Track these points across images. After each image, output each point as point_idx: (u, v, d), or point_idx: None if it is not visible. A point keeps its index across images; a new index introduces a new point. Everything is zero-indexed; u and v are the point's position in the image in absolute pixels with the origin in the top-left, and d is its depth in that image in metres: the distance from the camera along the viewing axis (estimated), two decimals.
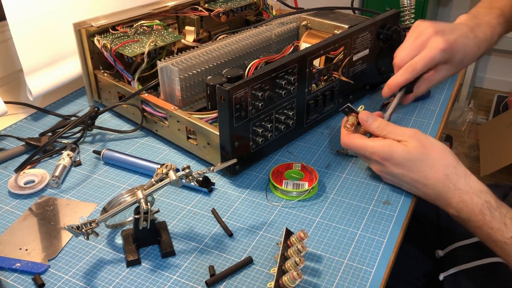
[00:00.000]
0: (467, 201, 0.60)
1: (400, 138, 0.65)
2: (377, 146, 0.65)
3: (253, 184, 0.73)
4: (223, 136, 0.69)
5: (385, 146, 0.65)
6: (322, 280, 0.57)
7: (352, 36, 0.83)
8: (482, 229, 0.59)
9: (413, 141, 0.64)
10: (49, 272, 0.59)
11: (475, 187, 0.61)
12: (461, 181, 0.61)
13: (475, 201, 0.60)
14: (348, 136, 0.69)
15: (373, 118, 0.68)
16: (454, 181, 0.61)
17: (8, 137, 0.85)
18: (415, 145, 0.63)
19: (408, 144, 0.64)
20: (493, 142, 2.14)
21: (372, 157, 0.67)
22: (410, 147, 0.63)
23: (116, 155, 0.78)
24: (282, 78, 0.71)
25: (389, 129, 0.66)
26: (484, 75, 2.75)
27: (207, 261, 0.60)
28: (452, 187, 0.61)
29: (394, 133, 0.66)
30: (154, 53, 0.87)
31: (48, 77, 0.94)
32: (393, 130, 0.66)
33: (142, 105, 0.83)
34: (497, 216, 0.58)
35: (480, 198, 0.60)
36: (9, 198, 0.71)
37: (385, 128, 0.67)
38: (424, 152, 0.63)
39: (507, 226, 0.58)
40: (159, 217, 0.67)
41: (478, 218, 0.59)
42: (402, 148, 0.64)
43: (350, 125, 0.70)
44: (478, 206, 0.59)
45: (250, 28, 0.93)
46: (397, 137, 0.65)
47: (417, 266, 0.91)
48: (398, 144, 0.64)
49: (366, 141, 0.67)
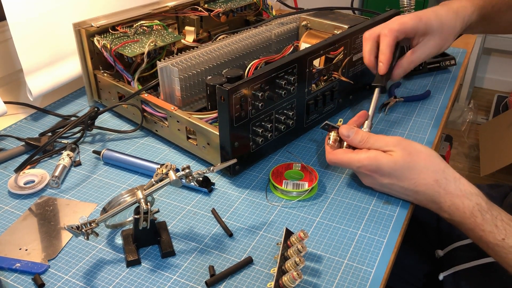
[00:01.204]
0: (458, 204, 0.60)
1: (385, 148, 0.64)
2: (362, 159, 0.65)
3: (253, 184, 0.73)
4: (223, 136, 0.69)
5: (370, 159, 0.64)
6: (322, 280, 0.57)
7: (352, 36, 0.83)
8: (474, 232, 0.60)
9: (398, 149, 0.63)
10: (49, 272, 0.59)
11: (465, 190, 0.61)
12: (451, 185, 0.61)
13: (466, 204, 0.60)
14: (332, 153, 0.68)
15: (354, 132, 0.67)
16: (444, 185, 0.61)
17: (8, 137, 0.85)
18: (401, 153, 0.63)
19: (394, 153, 0.63)
20: (493, 142, 2.14)
21: (360, 170, 0.66)
22: (396, 157, 0.63)
23: (116, 155, 0.78)
24: (282, 78, 0.71)
25: (372, 140, 0.66)
26: (484, 75, 2.75)
27: (207, 261, 0.60)
28: (442, 192, 0.61)
29: (378, 143, 0.65)
30: (154, 53, 0.87)
31: (48, 77, 0.94)
32: (376, 141, 0.65)
33: (142, 105, 0.83)
34: (488, 219, 0.59)
35: (471, 200, 0.60)
36: (9, 198, 0.71)
37: (368, 140, 0.66)
38: (411, 159, 0.63)
39: (498, 228, 0.58)
40: (159, 217, 0.67)
41: (469, 220, 0.60)
42: (388, 158, 0.63)
43: (333, 142, 0.70)
44: (469, 209, 0.59)
45: (250, 28, 0.93)
46: (382, 147, 0.65)
47: (417, 266, 0.91)
48: (383, 155, 0.64)
49: (351, 155, 0.66)
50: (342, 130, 0.68)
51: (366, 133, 0.68)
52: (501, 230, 0.58)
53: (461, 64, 1.09)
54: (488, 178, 1.99)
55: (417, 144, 0.65)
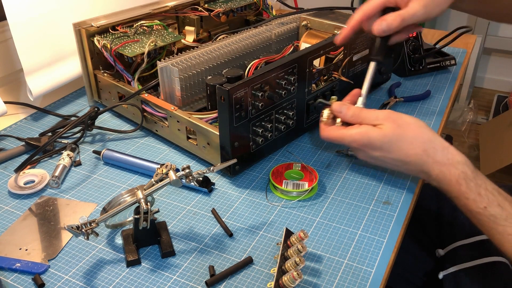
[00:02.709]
0: (445, 172, 0.62)
1: (375, 122, 0.65)
2: (354, 134, 0.66)
3: (253, 184, 0.73)
4: (223, 136, 0.69)
5: (361, 133, 0.65)
6: (322, 280, 0.57)
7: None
8: (459, 199, 0.61)
9: (388, 123, 0.64)
10: (49, 272, 0.59)
11: (452, 159, 0.62)
12: (438, 154, 0.62)
13: (452, 172, 0.61)
14: (325, 130, 0.69)
15: (346, 107, 0.68)
16: (432, 154, 0.63)
17: (8, 137, 0.85)
18: (390, 126, 0.64)
19: (383, 126, 0.64)
20: (493, 142, 2.14)
21: (352, 145, 0.68)
22: (385, 130, 0.64)
23: (116, 155, 0.78)
24: (282, 78, 0.71)
25: (363, 115, 0.67)
26: (484, 75, 2.75)
27: (207, 261, 0.60)
28: (430, 161, 0.63)
29: (369, 118, 0.66)
30: (154, 53, 0.86)
31: (48, 77, 0.94)
32: (367, 116, 0.66)
33: (142, 105, 0.83)
34: (472, 187, 0.60)
35: (457, 169, 0.61)
36: (9, 198, 0.71)
37: (359, 115, 0.67)
38: (400, 132, 0.64)
39: (481, 196, 0.59)
40: (159, 217, 0.67)
41: (455, 188, 0.61)
42: (378, 131, 0.64)
43: (327, 119, 0.70)
44: (455, 177, 0.61)
45: (250, 28, 0.93)
46: (372, 121, 0.66)
47: (418, 265, 0.91)
48: (373, 129, 0.65)
49: (343, 131, 0.67)
50: (334, 106, 0.69)
51: (357, 108, 0.68)
52: (483, 199, 0.59)
53: (461, 64, 1.09)
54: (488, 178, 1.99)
55: (406, 116, 0.66)
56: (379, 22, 0.69)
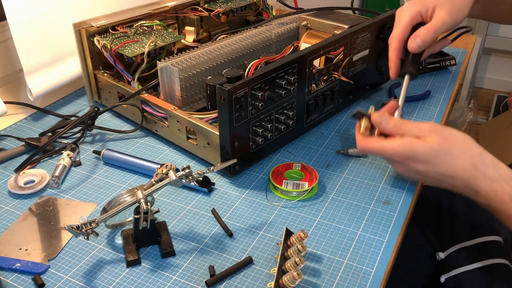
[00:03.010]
0: (497, 189, 0.58)
1: (419, 134, 0.62)
2: (396, 146, 0.63)
3: (253, 184, 0.73)
4: (223, 136, 0.69)
5: (405, 145, 0.62)
6: (322, 280, 0.57)
7: (352, 36, 0.83)
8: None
9: (433, 135, 0.61)
10: (49, 272, 0.59)
11: (505, 175, 0.59)
12: (489, 170, 0.59)
13: (505, 189, 0.58)
14: (364, 141, 0.66)
15: (387, 119, 0.65)
16: (482, 170, 0.59)
17: (8, 137, 0.85)
18: (436, 139, 0.61)
19: (429, 139, 0.61)
20: (493, 142, 2.14)
21: (393, 158, 0.64)
22: (431, 142, 0.61)
23: (116, 155, 0.78)
24: (282, 78, 0.71)
25: (405, 127, 0.64)
26: (484, 75, 2.75)
27: (207, 261, 0.60)
28: (481, 177, 0.59)
29: (412, 130, 0.63)
30: (154, 53, 0.86)
31: (48, 77, 0.94)
32: (410, 128, 0.63)
33: (142, 105, 0.83)
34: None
35: (511, 186, 0.58)
36: (9, 198, 0.71)
37: (401, 127, 0.64)
38: (447, 145, 0.61)
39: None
40: (159, 217, 0.67)
41: (508, 207, 0.57)
42: (423, 144, 0.61)
43: (364, 130, 0.67)
44: (509, 194, 0.57)
45: (250, 28, 0.93)
46: (416, 133, 0.62)
47: (418, 268, 0.91)
48: (418, 141, 0.61)
49: (384, 143, 0.64)
50: (375, 117, 0.66)
51: (399, 119, 0.66)
52: None
53: (461, 64, 1.09)
54: None
55: (452, 129, 0.63)
56: (413, 40, 0.71)
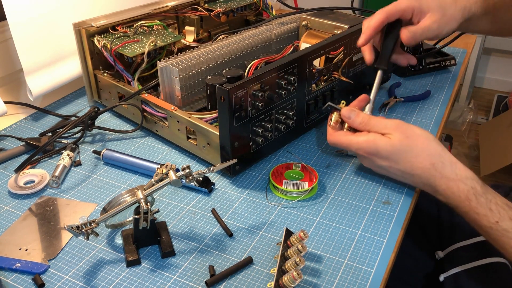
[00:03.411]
0: (453, 188, 0.61)
1: (384, 131, 0.65)
2: (361, 141, 0.66)
3: (253, 184, 0.73)
4: (223, 136, 0.69)
5: (369, 141, 0.65)
6: (322, 280, 0.57)
7: (352, 36, 0.83)
8: (469, 214, 0.61)
9: (397, 133, 0.64)
10: (49, 272, 0.59)
11: (461, 174, 0.62)
12: (447, 169, 0.62)
13: (461, 188, 0.61)
14: (333, 135, 0.69)
15: (355, 114, 0.68)
16: (440, 169, 0.62)
17: (8, 137, 0.85)
18: (399, 137, 0.64)
19: (392, 136, 0.64)
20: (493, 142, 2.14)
21: (358, 152, 0.68)
22: (394, 140, 0.64)
23: (116, 155, 0.78)
24: (282, 78, 0.71)
25: (372, 123, 0.67)
26: (484, 75, 2.75)
27: (207, 261, 0.60)
28: (438, 175, 0.62)
29: (378, 126, 0.66)
30: (154, 53, 0.86)
31: (48, 77, 0.94)
32: (376, 124, 0.66)
33: (142, 105, 0.83)
34: (483, 202, 0.60)
35: (466, 184, 0.61)
36: (9, 198, 0.71)
37: (368, 122, 0.67)
38: (408, 143, 0.64)
39: (492, 211, 0.59)
40: (159, 217, 0.67)
41: (464, 204, 0.61)
42: (386, 141, 0.64)
43: (334, 123, 0.70)
44: (464, 193, 0.61)
45: (250, 28, 0.93)
46: (381, 130, 0.66)
47: (418, 267, 0.91)
48: (382, 138, 0.65)
49: (350, 137, 0.67)
50: (343, 111, 0.69)
51: (367, 115, 0.68)
52: (495, 213, 0.59)
53: (461, 64, 1.09)
54: (488, 178, 1.99)
55: (416, 127, 0.66)
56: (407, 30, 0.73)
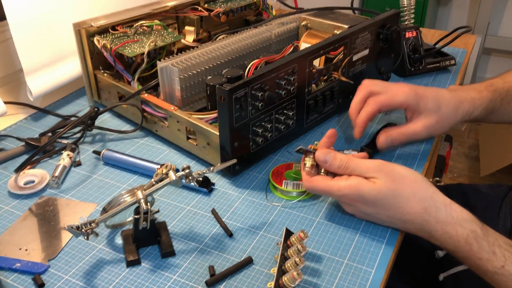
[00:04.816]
0: (451, 232, 0.57)
1: (367, 175, 0.60)
2: (343, 187, 0.60)
3: (253, 184, 0.73)
4: (223, 136, 0.69)
5: (351, 187, 0.59)
6: (322, 280, 0.57)
7: (352, 36, 0.83)
8: (470, 260, 0.57)
9: (381, 176, 0.59)
10: (49, 272, 0.59)
11: (457, 217, 0.57)
12: (441, 213, 0.57)
13: (459, 232, 0.56)
14: (309, 181, 0.63)
15: (331, 156, 0.62)
16: (434, 213, 0.57)
17: (8, 137, 0.85)
18: (384, 181, 0.58)
19: (377, 180, 0.59)
20: (493, 142, 2.14)
21: (341, 199, 0.63)
22: (379, 184, 0.58)
23: (116, 155, 0.78)
24: (282, 78, 0.71)
25: (352, 166, 0.61)
26: (484, 75, 2.75)
27: (207, 261, 0.60)
28: (432, 220, 0.57)
29: (359, 169, 0.60)
30: (154, 53, 0.87)
31: (48, 77, 0.94)
32: (357, 166, 0.61)
33: (142, 105, 0.83)
34: (485, 246, 0.55)
35: (465, 228, 0.56)
36: (9, 198, 0.71)
37: (347, 166, 0.61)
38: (396, 187, 0.58)
39: (496, 255, 0.55)
40: (159, 217, 0.67)
41: (464, 249, 0.56)
42: (371, 186, 0.59)
43: (309, 168, 0.64)
44: (464, 237, 0.56)
45: (250, 28, 0.93)
46: (363, 173, 0.60)
47: (417, 267, 0.91)
48: (366, 183, 0.59)
49: (330, 183, 0.61)
50: (318, 155, 0.63)
51: (345, 157, 0.62)
52: (499, 257, 0.54)
53: (461, 64, 1.09)
54: (488, 178, 1.99)
55: (400, 168, 0.60)
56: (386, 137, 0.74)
